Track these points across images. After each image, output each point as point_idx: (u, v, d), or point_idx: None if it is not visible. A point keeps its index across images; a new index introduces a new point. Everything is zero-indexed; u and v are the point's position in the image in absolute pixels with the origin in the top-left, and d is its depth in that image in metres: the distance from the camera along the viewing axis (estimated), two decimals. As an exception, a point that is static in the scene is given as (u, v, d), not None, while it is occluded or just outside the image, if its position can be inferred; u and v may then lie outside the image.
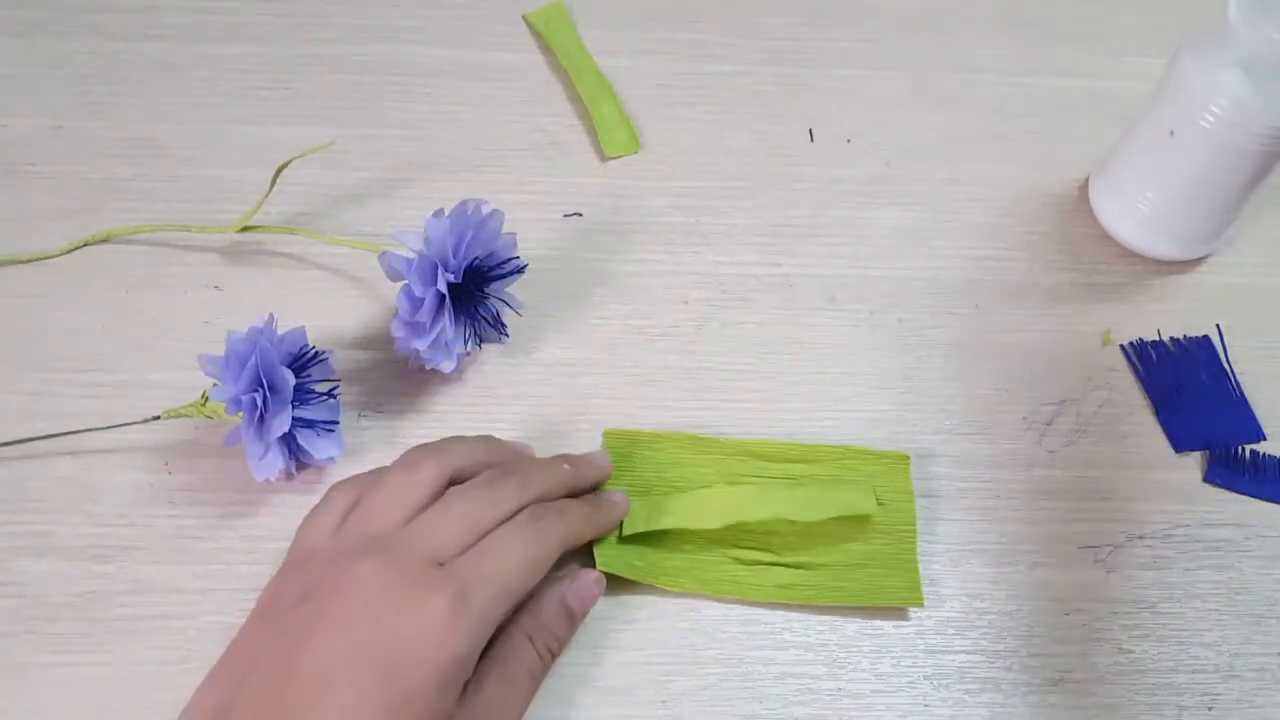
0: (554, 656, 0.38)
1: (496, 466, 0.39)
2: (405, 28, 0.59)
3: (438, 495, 0.37)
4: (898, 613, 0.42)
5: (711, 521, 0.41)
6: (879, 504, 0.43)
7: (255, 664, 0.34)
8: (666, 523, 0.42)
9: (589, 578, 0.40)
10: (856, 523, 0.43)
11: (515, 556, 0.36)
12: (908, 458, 0.45)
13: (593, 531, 0.41)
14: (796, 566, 0.42)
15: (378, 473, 0.39)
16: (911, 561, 0.43)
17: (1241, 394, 0.49)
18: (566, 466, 0.41)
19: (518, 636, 0.37)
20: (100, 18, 0.58)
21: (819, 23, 0.61)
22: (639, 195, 0.53)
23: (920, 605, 0.42)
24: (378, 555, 0.34)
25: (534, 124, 0.56)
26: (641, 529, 0.42)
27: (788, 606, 0.42)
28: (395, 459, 0.40)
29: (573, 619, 0.39)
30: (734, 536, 0.42)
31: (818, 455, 0.45)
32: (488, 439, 0.42)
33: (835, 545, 0.43)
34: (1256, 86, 0.44)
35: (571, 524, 0.39)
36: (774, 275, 0.51)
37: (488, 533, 0.36)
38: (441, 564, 0.35)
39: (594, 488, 0.43)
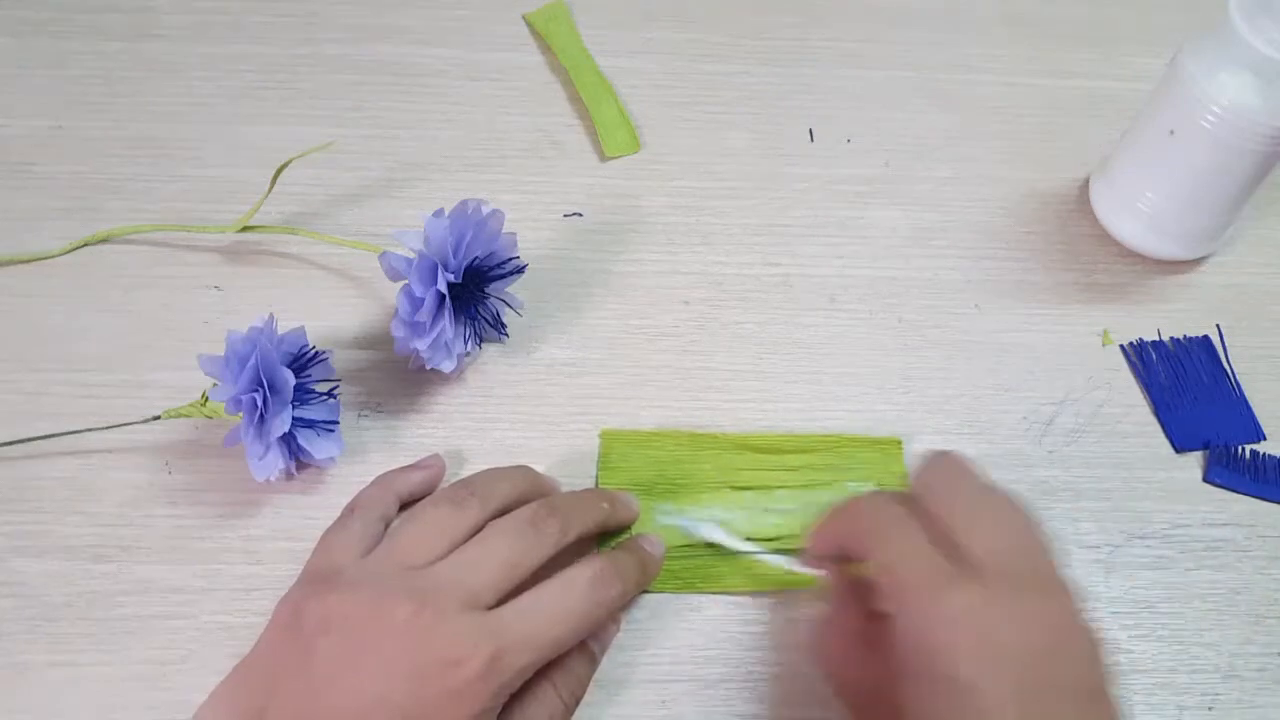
0: (577, 702, 0.37)
1: (537, 501, 0.38)
2: (405, 28, 0.59)
3: (475, 533, 0.37)
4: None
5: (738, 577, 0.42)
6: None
7: (276, 691, 0.33)
8: (700, 586, 0.42)
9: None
10: None
11: (566, 625, 0.35)
12: (900, 442, 0.45)
13: (637, 591, 0.40)
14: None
15: (421, 504, 0.39)
16: None
17: (1241, 394, 0.49)
18: (606, 505, 0.40)
19: (542, 684, 0.36)
20: (100, 18, 0.58)
21: (819, 23, 0.61)
22: (639, 195, 0.53)
23: None
24: (413, 597, 0.33)
25: (534, 124, 0.56)
26: (675, 590, 0.42)
27: (788, 605, 0.42)
28: (439, 490, 0.40)
29: (594, 662, 0.38)
30: (743, 530, 0.43)
31: (813, 445, 0.45)
32: (526, 471, 0.41)
33: None
34: (1257, 86, 0.44)
35: (628, 591, 0.38)
36: (774, 275, 0.51)
37: (528, 575, 0.36)
38: (483, 608, 0.34)
39: (625, 528, 0.42)
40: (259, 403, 0.39)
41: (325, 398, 0.42)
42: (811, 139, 0.56)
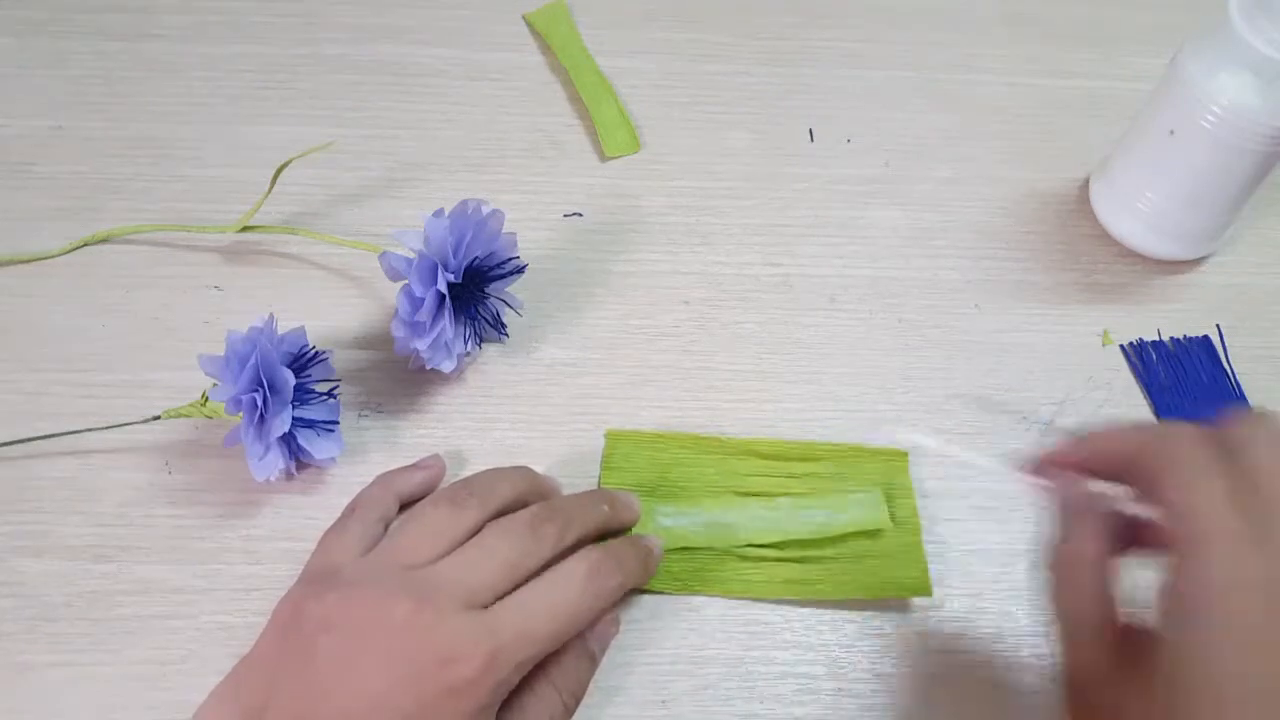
0: (577, 702, 0.37)
1: (537, 504, 0.38)
2: (405, 28, 0.59)
3: (474, 533, 0.37)
4: (899, 612, 0.42)
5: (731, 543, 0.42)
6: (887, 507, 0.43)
7: (276, 691, 0.33)
8: (699, 589, 0.42)
9: (607, 618, 0.39)
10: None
11: (563, 619, 0.35)
12: (906, 454, 0.45)
13: (636, 584, 0.39)
14: (802, 561, 0.42)
15: (421, 504, 0.38)
16: (918, 552, 0.43)
17: (1241, 394, 0.49)
18: (606, 507, 0.40)
19: (542, 684, 0.36)
20: (100, 18, 0.58)
21: (819, 23, 0.61)
22: (639, 195, 0.53)
23: (928, 595, 0.42)
24: (412, 595, 0.33)
25: (534, 124, 0.56)
26: (673, 590, 0.42)
27: (788, 605, 0.42)
28: (439, 490, 0.40)
29: (594, 662, 0.38)
30: (745, 536, 0.43)
31: (818, 453, 0.45)
32: (525, 472, 0.41)
33: (841, 539, 0.43)
34: (1257, 86, 0.44)
35: (626, 583, 0.38)
36: (774, 275, 0.51)
37: (527, 577, 0.35)
38: (481, 607, 0.34)
39: (626, 530, 0.42)
40: (259, 403, 0.39)
41: (325, 398, 0.42)
42: (811, 139, 0.56)
